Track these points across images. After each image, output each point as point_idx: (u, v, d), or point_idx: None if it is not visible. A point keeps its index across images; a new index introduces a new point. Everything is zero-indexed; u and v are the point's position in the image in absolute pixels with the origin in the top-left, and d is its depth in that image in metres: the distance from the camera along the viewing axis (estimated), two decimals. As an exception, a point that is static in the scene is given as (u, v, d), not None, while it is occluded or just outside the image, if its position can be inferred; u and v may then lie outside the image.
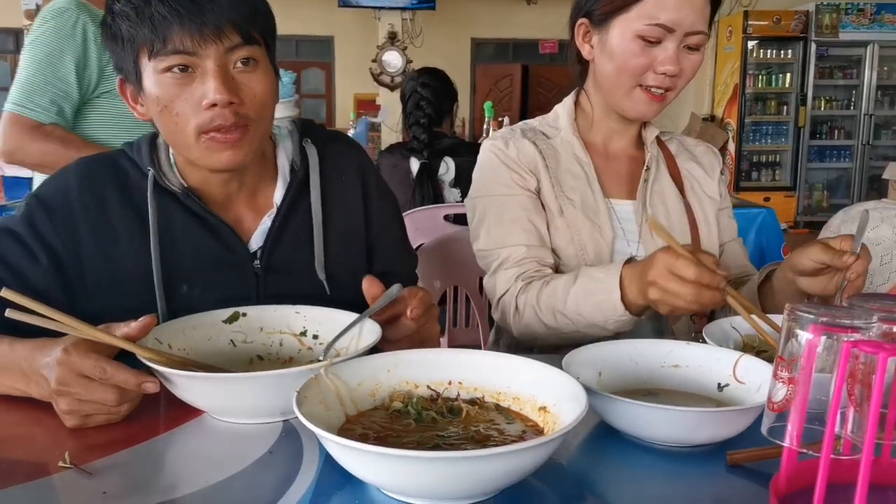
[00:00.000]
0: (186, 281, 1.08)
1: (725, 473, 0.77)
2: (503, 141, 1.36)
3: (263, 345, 1.01)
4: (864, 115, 8.47)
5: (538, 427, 0.78)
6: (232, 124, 0.99)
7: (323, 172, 1.18)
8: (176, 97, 0.99)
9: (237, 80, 1.00)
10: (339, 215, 1.19)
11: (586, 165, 1.35)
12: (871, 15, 8.20)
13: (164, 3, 0.96)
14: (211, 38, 0.97)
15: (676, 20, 1.20)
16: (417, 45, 9.37)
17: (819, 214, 8.50)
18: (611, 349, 0.98)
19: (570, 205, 1.32)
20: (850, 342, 0.59)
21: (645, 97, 1.26)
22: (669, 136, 1.47)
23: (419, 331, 0.98)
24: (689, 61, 1.24)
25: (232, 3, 0.99)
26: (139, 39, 0.98)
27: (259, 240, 1.13)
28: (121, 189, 1.09)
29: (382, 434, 0.75)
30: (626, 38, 1.23)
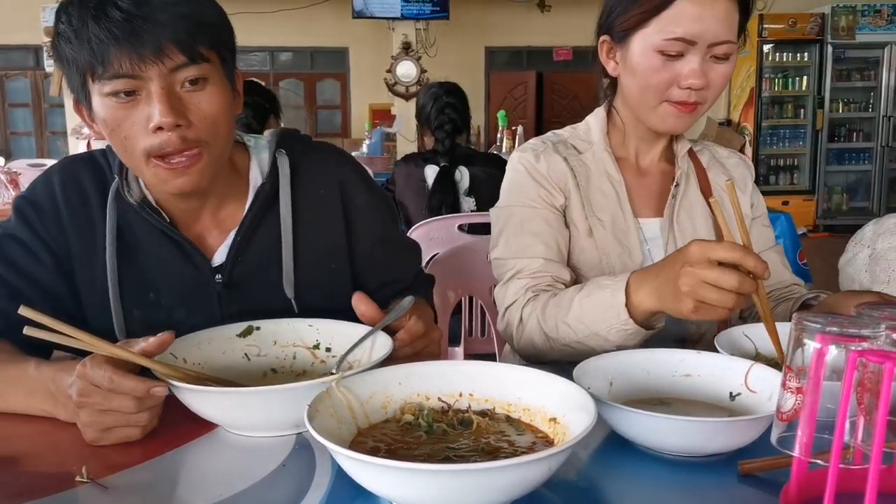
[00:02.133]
0: (152, 289, 1.09)
1: (737, 483, 0.77)
2: (534, 154, 1.32)
3: (277, 358, 1.03)
4: (882, 117, 8.39)
5: (548, 438, 0.78)
6: (180, 150, 0.96)
7: (295, 186, 1.14)
8: (123, 120, 0.95)
9: (185, 101, 0.96)
10: (314, 230, 1.14)
11: (617, 184, 1.31)
12: (888, 16, 8.14)
13: (99, 24, 0.91)
14: (151, 60, 0.92)
15: (697, 32, 1.15)
16: (431, 55, 9.40)
17: (839, 218, 8.42)
18: (622, 358, 0.98)
19: (601, 226, 1.29)
20: (857, 351, 0.59)
21: (673, 110, 1.22)
22: (701, 147, 1.43)
23: (416, 354, 0.97)
24: (716, 72, 1.19)
25: (171, 20, 0.93)
26: (81, 62, 0.94)
27: (223, 255, 1.11)
28: (101, 187, 1.09)
29: (394, 447, 0.76)
30: (647, 54, 1.19)
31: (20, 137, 10.75)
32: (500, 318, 1.29)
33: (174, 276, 1.09)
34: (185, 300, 1.10)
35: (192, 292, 1.10)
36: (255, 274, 1.11)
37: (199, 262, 1.09)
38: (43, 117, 10.67)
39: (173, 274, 1.09)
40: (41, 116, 10.67)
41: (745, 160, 1.46)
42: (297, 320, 1.05)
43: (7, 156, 9.38)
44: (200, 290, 1.10)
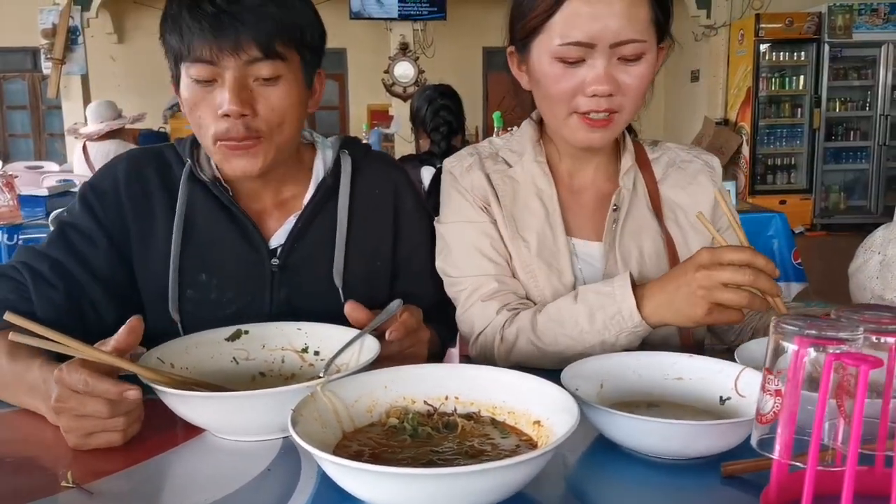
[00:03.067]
0: (206, 270, 1.14)
1: (720, 485, 0.77)
2: (459, 169, 1.25)
3: (265, 362, 1.03)
4: (879, 116, 8.39)
5: (532, 441, 0.79)
6: (241, 136, 1.04)
7: (355, 183, 1.21)
8: (199, 102, 1.05)
9: (255, 93, 1.04)
10: (365, 228, 1.20)
11: (548, 199, 1.21)
12: (885, 15, 8.15)
13: (192, 14, 1.02)
14: (228, 51, 1.01)
15: (594, 34, 1.05)
16: (429, 56, 9.41)
17: (836, 217, 8.43)
18: (613, 361, 0.98)
19: (525, 247, 1.19)
20: (834, 354, 0.60)
21: (582, 124, 1.11)
22: (660, 153, 1.29)
23: (402, 352, 0.99)
24: (629, 75, 1.08)
25: (254, 19, 1.02)
26: (174, 45, 1.05)
27: (281, 238, 1.16)
28: (162, 180, 1.16)
29: (378, 451, 0.76)
30: (546, 63, 1.09)
31: (18, 139, 10.76)
32: (472, 344, 1.21)
33: (231, 256, 1.14)
34: (238, 281, 1.15)
35: (246, 273, 1.15)
36: (308, 260, 1.16)
37: (257, 242, 1.15)
38: (41, 119, 10.69)
39: (231, 254, 1.14)
40: (39, 118, 10.69)
41: (709, 162, 1.30)
42: (285, 324, 1.05)
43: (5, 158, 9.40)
44: (255, 270, 1.15)
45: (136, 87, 9.92)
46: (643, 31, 1.07)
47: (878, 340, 0.67)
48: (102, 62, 9.98)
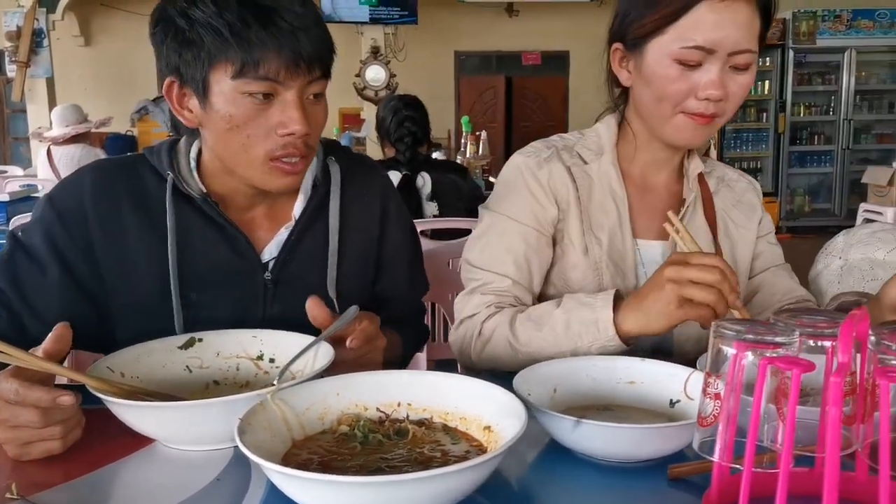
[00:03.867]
0: (196, 288, 1.10)
1: (666, 487, 0.78)
2: (536, 160, 1.26)
3: (220, 370, 1.02)
4: (843, 120, 8.57)
5: (482, 447, 0.79)
6: (301, 153, 1.04)
7: (344, 192, 1.19)
8: (251, 120, 1.00)
9: (308, 111, 1.03)
10: (355, 234, 1.20)
11: (620, 202, 1.25)
12: (848, 21, 8.33)
13: (266, 27, 0.96)
14: (303, 70, 0.99)
15: (716, 40, 1.08)
16: (401, 60, 9.40)
17: (801, 219, 8.59)
18: (567, 366, 0.99)
19: (597, 245, 1.23)
20: (768, 358, 0.61)
21: (689, 122, 1.15)
22: (711, 169, 1.35)
23: (357, 359, 0.98)
24: (736, 83, 1.12)
25: (320, 37, 1.02)
26: (225, 56, 0.97)
27: (273, 251, 1.14)
28: (136, 194, 1.10)
29: (327, 459, 0.76)
30: (664, 63, 1.12)
31: (-19, 143, 10.55)
32: (455, 328, 1.25)
33: (222, 272, 1.11)
34: (231, 297, 1.11)
35: (238, 289, 1.12)
36: (301, 272, 1.15)
37: (249, 256, 1.12)
38: (5, 123, 10.50)
39: (222, 269, 1.11)
40: (3, 122, 10.50)
41: (752, 182, 1.39)
42: (240, 331, 1.05)
43: (-32, 162, 9.21)
44: (247, 285, 1.12)
45: (103, 90, 9.78)
46: (755, 42, 1.12)
47: (814, 344, 0.69)
48: (68, 65, 9.82)
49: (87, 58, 10.34)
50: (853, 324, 0.61)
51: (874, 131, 8.89)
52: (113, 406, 0.84)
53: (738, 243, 1.30)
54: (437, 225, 2.70)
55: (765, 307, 1.28)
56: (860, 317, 0.63)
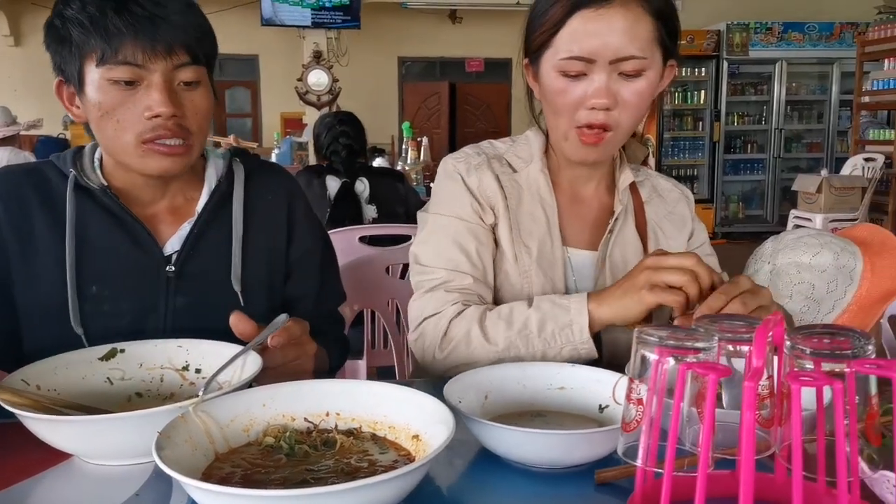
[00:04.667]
0: (98, 282, 1.10)
1: (594, 492, 0.79)
2: (466, 166, 1.26)
3: (143, 381, 0.99)
4: (774, 130, 8.87)
5: (411, 456, 0.78)
6: (174, 133, 1.05)
7: (248, 190, 1.21)
8: (119, 105, 1.03)
9: (180, 96, 1.05)
10: (261, 230, 1.21)
11: (549, 209, 1.25)
12: (779, 33, 8.62)
13: (121, 16, 1.00)
14: (161, 54, 1.02)
15: (593, 49, 1.09)
16: (344, 64, 9.35)
17: (735, 225, 8.84)
18: (498, 372, 0.99)
19: (526, 253, 1.23)
20: (686, 363, 0.62)
21: (579, 140, 1.16)
22: (643, 178, 1.35)
23: (286, 364, 0.97)
24: (628, 90, 1.11)
25: (184, 24, 1.04)
26: (89, 47, 1.02)
27: (176, 244, 1.14)
28: (42, 196, 1.12)
29: (250, 472, 0.74)
30: (551, 76, 1.14)
31: None
32: (413, 329, 1.21)
33: (124, 265, 1.11)
34: (133, 290, 1.11)
35: (140, 282, 1.12)
36: (205, 266, 1.15)
37: (151, 249, 1.12)
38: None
39: (123, 262, 1.11)
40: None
41: (685, 192, 1.39)
42: (165, 341, 1.02)
43: None
44: (150, 279, 1.12)
45: (34, 91, 9.43)
46: (644, 48, 1.10)
47: (733, 349, 0.71)
48: (-3, 65, 9.49)
49: (17, 58, 9.99)
50: (767, 329, 0.63)
51: (804, 140, 9.23)
52: (26, 420, 0.81)
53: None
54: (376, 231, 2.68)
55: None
56: (774, 322, 0.65)
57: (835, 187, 6.35)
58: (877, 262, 1.30)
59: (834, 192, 6.34)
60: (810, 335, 0.66)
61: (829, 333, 0.67)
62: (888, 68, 6.86)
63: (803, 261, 1.32)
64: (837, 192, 6.35)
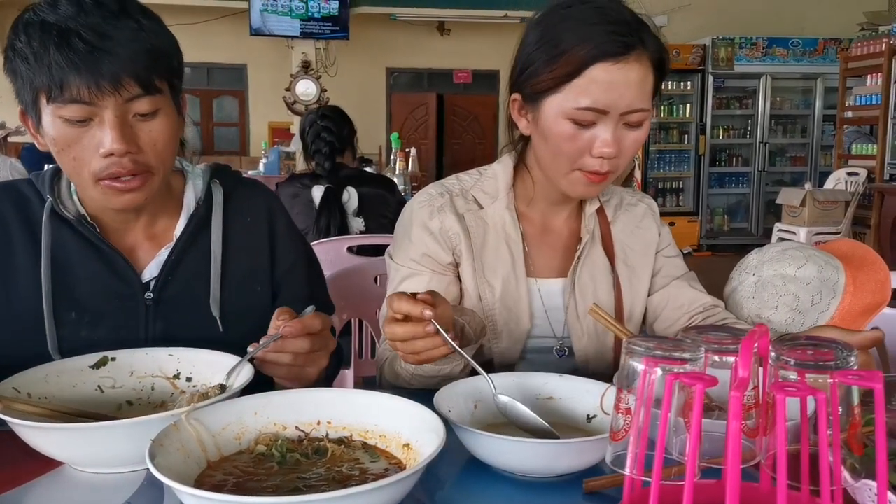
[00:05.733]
0: (76, 308, 1.08)
1: (582, 501, 0.80)
2: (429, 210, 1.26)
3: (134, 389, 0.99)
4: (759, 143, 8.95)
5: (402, 465, 0.79)
6: (129, 171, 1.00)
7: (227, 212, 1.19)
8: (74, 142, 0.99)
9: (136, 129, 1.00)
10: (241, 253, 1.19)
11: (515, 246, 1.26)
12: (764, 48, 8.71)
13: (61, 51, 0.94)
14: (108, 90, 0.96)
15: (609, 102, 1.09)
16: (332, 74, 9.37)
17: (721, 238, 8.90)
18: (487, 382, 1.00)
19: (490, 292, 1.24)
20: (674, 374, 0.63)
21: (584, 179, 1.16)
22: (609, 196, 1.36)
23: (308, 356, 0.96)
24: (629, 139, 1.13)
25: (131, 54, 0.97)
26: (37, 83, 0.97)
27: (154, 271, 1.13)
28: (22, 215, 1.10)
29: (242, 480, 0.75)
30: (558, 121, 1.12)
31: None
32: (379, 344, 1.25)
33: (101, 292, 1.10)
34: (111, 317, 1.10)
35: (118, 309, 1.10)
36: (184, 292, 1.13)
37: (129, 276, 1.11)
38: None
39: (101, 290, 1.10)
40: None
41: (650, 204, 1.40)
42: (156, 349, 1.02)
43: None
44: (128, 305, 1.10)
45: (20, 98, 9.39)
46: (648, 100, 1.13)
47: (720, 360, 0.72)
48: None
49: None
50: (753, 340, 0.64)
51: (788, 154, 9.32)
52: (18, 428, 0.81)
53: (636, 269, 1.33)
54: (364, 241, 2.68)
55: (673, 321, 1.32)
56: (760, 333, 0.66)
57: (818, 201, 6.42)
58: (858, 276, 1.32)
59: (818, 206, 6.41)
60: (794, 346, 0.68)
61: (812, 345, 0.68)
62: (870, 84, 6.96)
63: (788, 273, 1.33)
64: (821, 206, 6.42)
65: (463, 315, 1.09)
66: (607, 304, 1.28)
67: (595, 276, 1.30)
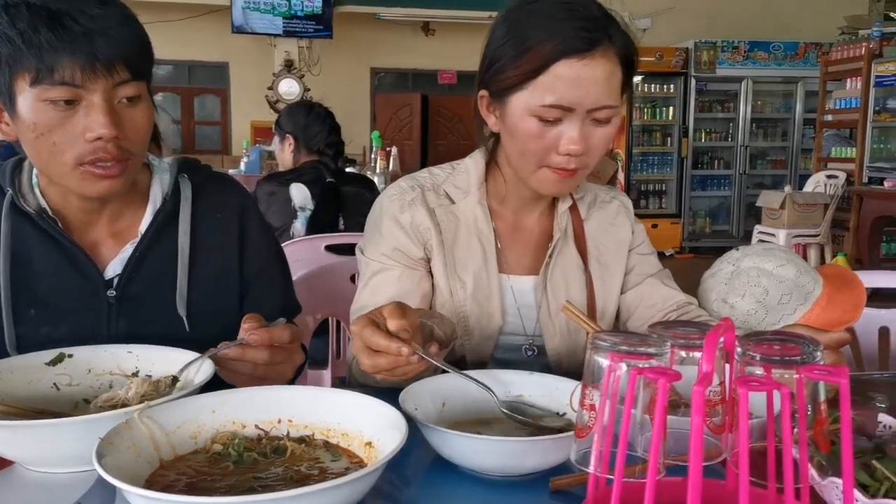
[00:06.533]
0: (35, 305, 1.06)
1: (548, 500, 0.78)
2: (399, 204, 1.24)
3: (91, 387, 0.96)
4: (740, 146, 9.01)
5: (363, 463, 0.77)
6: (113, 157, 0.99)
7: (196, 209, 1.16)
8: (56, 127, 0.97)
9: (121, 114, 0.99)
10: (210, 252, 1.16)
11: (487, 242, 1.25)
12: (745, 52, 8.77)
13: (56, 32, 0.93)
14: (101, 73, 0.96)
15: (574, 99, 1.07)
16: (315, 74, 9.33)
17: (703, 240, 8.95)
18: (457, 381, 0.98)
19: (461, 288, 1.23)
20: (637, 369, 0.62)
21: (553, 176, 1.15)
22: (583, 194, 1.34)
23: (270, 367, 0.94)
24: (597, 136, 1.12)
25: (125, 39, 0.98)
26: (21, 64, 0.94)
27: (117, 267, 1.10)
28: None
29: (195, 480, 0.72)
30: (524, 118, 1.11)
31: None
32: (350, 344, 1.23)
33: (62, 289, 1.07)
34: (72, 315, 1.07)
35: (80, 306, 1.08)
36: (148, 290, 1.11)
37: (91, 273, 1.08)
38: None
39: (62, 286, 1.07)
40: None
41: (624, 202, 1.39)
42: (115, 346, 1.00)
43: None
44: (90, 303, 1.08)
45: None
46: (616, 96, 1.11)
47: (686, 355, 0.71)
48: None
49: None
50: (718, 334, 0.63)
51: (768, 157, 9.39)
52: (-37, 426, 0.78)
53: (609, 266, 1.32)
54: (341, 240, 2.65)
55: (646, 319, 1.30)
56: (726, 328, 0.65)
57: (798, 203, 6.46)
58: (835, 295, 1.35)
59: (797, 209, 6.44)
60: (761, 341, 0.66)
61: (779, 340, 0.67)
62: (850, 87, 7.02)
63: (766, 267, 1.35)
64: (800, 209, 6.46)
65: (432, 318, 1.07)
66: (580, 301, 1.27)
67: (567, 273, 1.28)
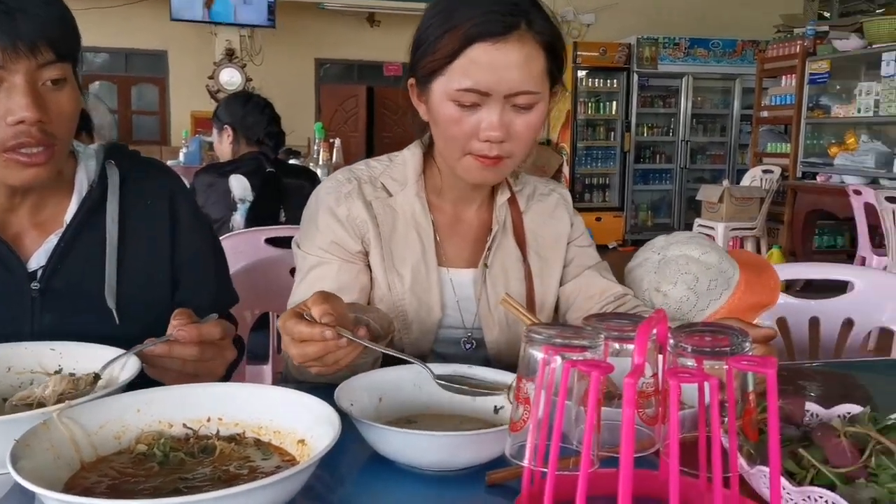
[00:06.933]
0: None
1: (484, 494, 0.78)
2: (336, 196, 1.22)
3: (11, 386, 0.92)
4: (681, 141, 9.20)
5: (295, 461, 0.75)
6: (38, 141, 0.96)
7: (124, 196, 1.12)
8: None
9: (45, 98, 0.96)
10: (140, 240, 1.13)
11: (425, 234, 1.23)
12: (686, 49, 8.95)
13: None
14: (23, 53, 0.92)
15: (489, 83, 1.06)
16: (258, 63, 9.15)
17: (644, 233, 9.11)
18: (393, 375, 0.97)
19: (399, 282, 1.21)
20: (570, 361, 0.61)
21: (476, 163, 1.13)
22: (522, 186, 1.34)
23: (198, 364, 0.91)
24: (518, 123, 1.10)
25: (47, 18, 0.95)
26: None
27: (41, 259, 1.06)
28: None
29: (118, 482, 0.69)
30: (444, 104, 1.10)
31: None
32: None
33: None
34: None
35: (1, 300, 1.03)
36: (75, 282, 1.07)
37: (13, 265, 1.04)
38: None
39: None
40: None
41: (564, 194, 1.39)
42: (36, 344, 0.95)
43: None
44: (13, 297, 1.04)
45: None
46: (537, 83, 1.10)
47: (620, 347, 0.71)
48: None
49: None
50: (650, 326, 0.63)
51: (708, 152, 9.61)
52: None
53: (548, 259, 1.32)
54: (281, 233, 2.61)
55: (585, 311, 1.31)
56: (657, 319, 0.65)
57: (735, 197, 6.63)
58: (752, 278, 1.40)
59: (734, 203, 6.61)
60: (692, 333, 0.67)
61: (710, 331, 0.68)
62: (785, 84, 7.22)
63: (693, 255, 1.39)
64: (738, 203, 6.63)
65: (368, 312, 1.05)
66: (519, 294, 1.27)
67: (506, 266, 1.28)
